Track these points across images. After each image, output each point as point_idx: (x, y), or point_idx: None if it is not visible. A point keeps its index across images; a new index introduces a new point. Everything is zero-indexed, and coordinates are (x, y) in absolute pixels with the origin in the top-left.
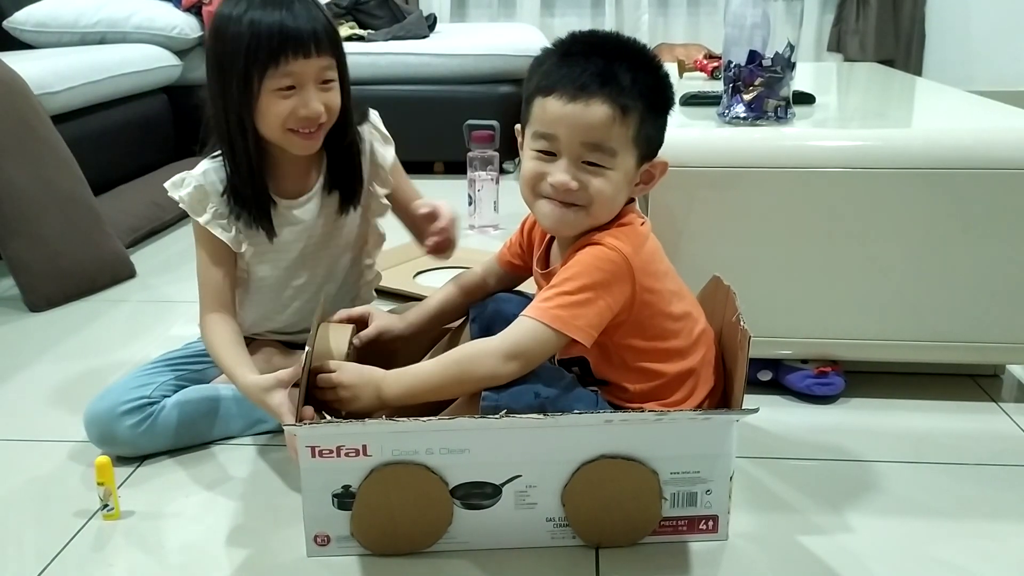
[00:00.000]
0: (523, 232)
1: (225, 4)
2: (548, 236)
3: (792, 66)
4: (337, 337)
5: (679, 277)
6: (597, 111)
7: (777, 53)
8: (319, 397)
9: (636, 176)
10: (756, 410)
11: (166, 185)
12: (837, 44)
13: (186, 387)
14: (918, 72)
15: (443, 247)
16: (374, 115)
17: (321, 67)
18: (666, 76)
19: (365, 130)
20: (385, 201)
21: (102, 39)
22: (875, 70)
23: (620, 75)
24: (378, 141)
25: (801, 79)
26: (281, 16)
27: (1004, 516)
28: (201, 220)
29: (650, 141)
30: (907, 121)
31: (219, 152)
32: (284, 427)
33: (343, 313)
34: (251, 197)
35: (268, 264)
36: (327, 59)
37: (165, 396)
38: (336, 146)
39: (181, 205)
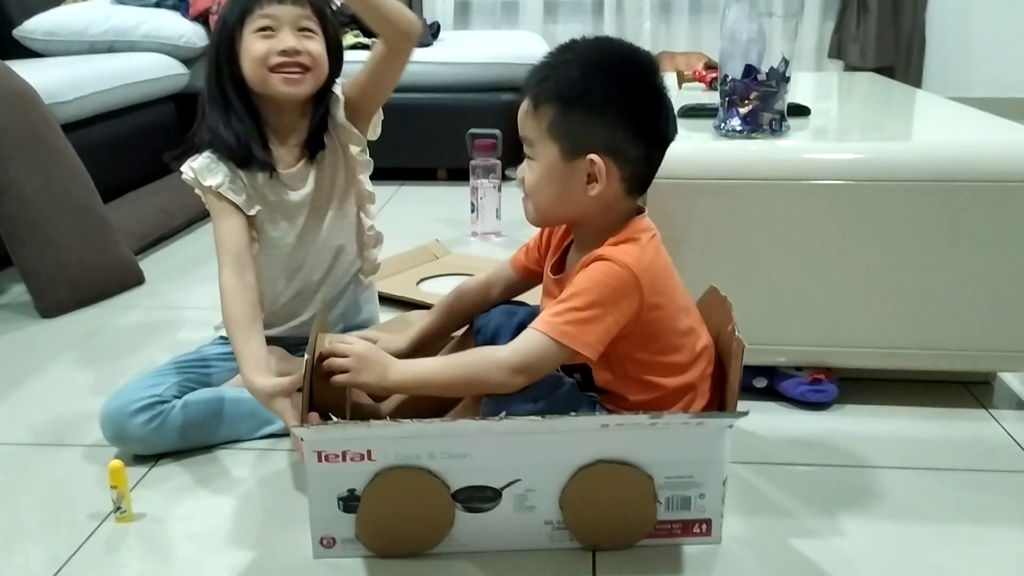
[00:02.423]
0: (542, 237)
1: None
2: (566, 243)
3: (786, 80)
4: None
5: (687, 293)
6: (522, 107)
7: (772, 68)
8: (324, 365)
9: (571, 172)
10: (746, 413)
11: (182, 168)
12: (838, 51)
13: (197, 388)
14: (918, 78)
15: None
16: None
17: (297, 14)
18: (599, 74)
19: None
20: (366, 157)
21: (110, 47)
22: (871, 80)
23: (544, 72)
24: (333, 104)
25: (800, 90)
26: None
27: (994, 521)
28: (213, 184)
29: (571, 135)
30: (900, 134)
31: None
32: (291, 429)
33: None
34: (247, 145)
35: (281, 227)
36: (303, 9)
37: (176, 396)
38: (318, 115)
39: (195, 177)
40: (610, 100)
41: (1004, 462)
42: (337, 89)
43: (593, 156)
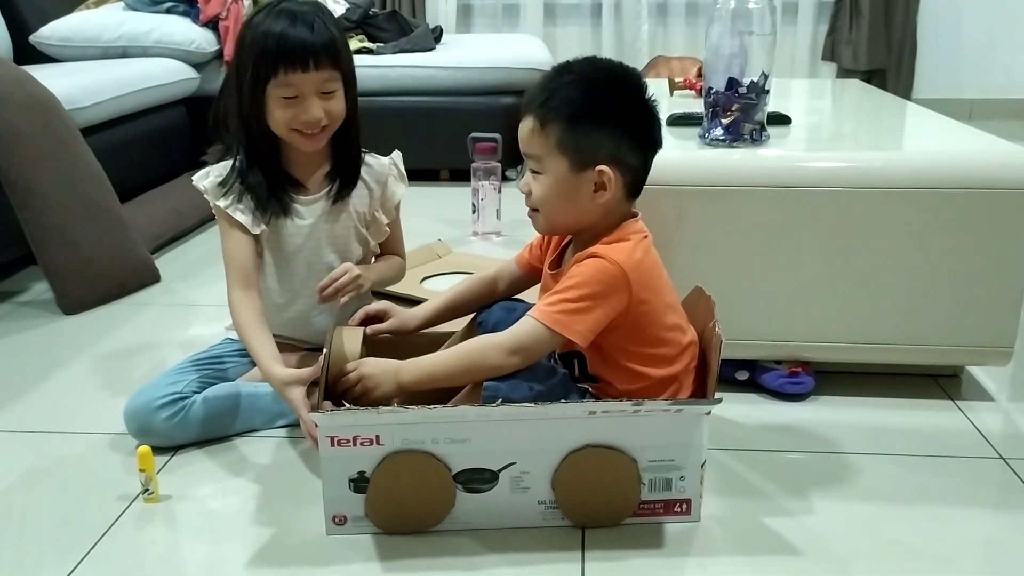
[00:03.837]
0: (544, 237)
1: (256, 11)
2: (563, 241)
3: (766, 93)
4: (351, 340)
5: (675, 292)
6: (526, 125)
7: (753, 81)
8: (346, 396)
9: (579, 182)
10: (720, 400)
11: (193, 177)
12: (831, 54)
13: (214, 384)
14: (910, 81)
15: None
16: (397, 155)
17: (320, 79)
18: (599, 92)
19: (386, 163)
20: (386, 229)
21: (123, 53)
22: (855, 89)
23: (547, 92)
24: (394, 177)
25: (785, 98)
26: (286, 29)
27: (951, 501)
28: (222, 204)
29: (579, 148)
30: (874, 143)
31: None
32: (305, 417)
33: (363, 311)
34: (263, 181)
35: (274, 254)
36: (327, 72)
37: (195, 392)
38: (343, 148)
39: (205, 194)
40: (613, 115)
41: (966, 449)
42: (399, 184)
43: (601, 167)
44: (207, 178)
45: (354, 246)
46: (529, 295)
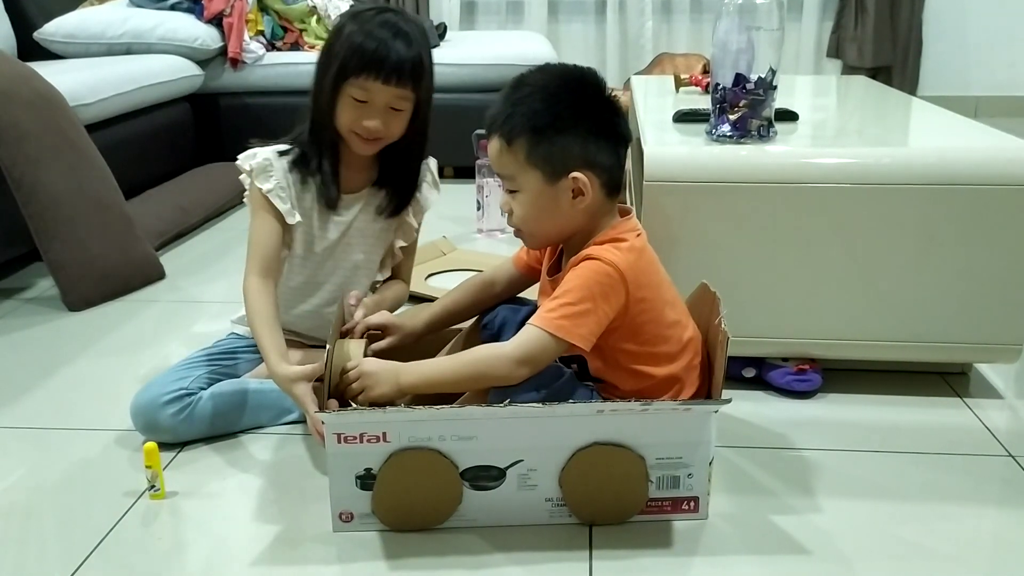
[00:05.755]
0: None
1: (355, 9)
2: (560, 246)
3: (773, 89)
4: (354, 347)
5: (674, 287)
6: (493, 146)
7: (760, 77)
8: (345, 394)
9: (556, 192)
10: (729, 400)
11: (240, 157)
12: (836, 51)
13: (220, 380)
14: (915, 78)
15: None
16: (432, 161)
17: (394, 95)
18: (558, 99)
19: (423, 169)
20: (415, 232)
21: (128, 50)
22: (860, 85)
23: (508, 109)
24: (428, 183)
25: (791, 94)
26: (382, 40)
27: (958, 499)
28: (264, 188)
29: (549, 159)
30: (881, 139)
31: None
32: (312, 414)
33: (368, 321)
34: (327, 169)
35: (304, 246)
36: (403, 91)
37: (202, 388)
38: (395, 160)
39: (246, 176)
40: (576, 119)
41: (974, 446)
42: (432, 191)
43: (575, 173)
44: (254, 159)
45: (379, 248)
46: (533, 293)
